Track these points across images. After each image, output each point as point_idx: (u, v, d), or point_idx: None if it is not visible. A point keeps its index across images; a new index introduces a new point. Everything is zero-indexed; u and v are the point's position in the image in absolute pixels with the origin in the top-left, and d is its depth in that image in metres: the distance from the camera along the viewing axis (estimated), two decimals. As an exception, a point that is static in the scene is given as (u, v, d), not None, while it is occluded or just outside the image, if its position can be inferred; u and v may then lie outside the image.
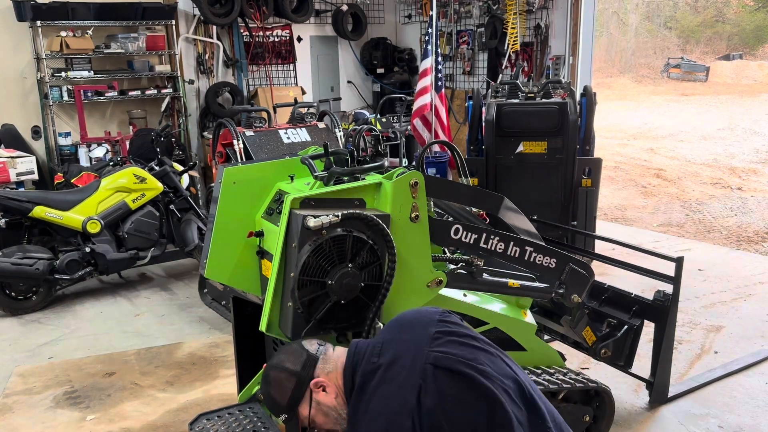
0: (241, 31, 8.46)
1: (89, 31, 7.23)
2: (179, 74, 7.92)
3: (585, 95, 5.87)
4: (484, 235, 2.76)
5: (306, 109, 6.20)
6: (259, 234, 2.58)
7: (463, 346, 1.91)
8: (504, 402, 1.83)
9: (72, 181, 5.96)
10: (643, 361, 3.67)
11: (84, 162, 7.12)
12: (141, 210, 5.55)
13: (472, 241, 2.74)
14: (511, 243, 2.83)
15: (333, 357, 2.02)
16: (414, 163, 6.38)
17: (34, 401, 3.86)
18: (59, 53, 7.08)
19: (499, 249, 2.82)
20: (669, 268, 3.42)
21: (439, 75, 7.32)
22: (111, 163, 5.85)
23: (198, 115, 8.36)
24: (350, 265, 2.35)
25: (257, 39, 8.64)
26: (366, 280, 2.40)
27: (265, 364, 2.13)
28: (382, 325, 2.45)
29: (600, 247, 5.44)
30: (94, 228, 5.31)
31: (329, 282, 2.33)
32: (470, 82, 8.99)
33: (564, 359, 3.29)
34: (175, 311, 5.21)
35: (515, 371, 1.95)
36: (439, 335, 1.92)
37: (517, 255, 2.86)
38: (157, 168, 5.73)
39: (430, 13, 7.22)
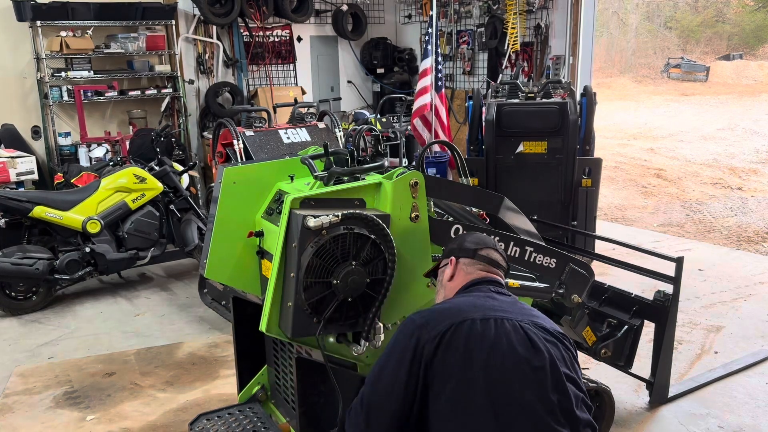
0: (241, 31, 8.46)
1: (89, 31, 7.22)
2: (179, 74, 7.92)
3: (585, 95, 5.87)
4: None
5: (306, 109, 6.19)
6: (259, 234, 2.58)
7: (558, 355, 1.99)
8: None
9: (72, 181, 5.95)
10: (643, 361, 3.67)
11: (84, 162, 7.12)
12: (141, 210, 5.55)
13: (472, 241, 2.74)
14: (511, 243, 2.83)
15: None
16: (414, 163, 6.38)
17: (34, 401, 3.86)
18: (59, 53, 7.08)
19: (499, 249, 2.82)
20: (669, 268, 3.42)
21: (439, 75, 7.31)
22: (111, 163, 5.85)
23: (198, 115, 8.35)
24: (354, 262, 2.36)
25: (257, 39, 8.64)
26: (371, 275, 2.40)
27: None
28: (382, 325, 2.45)
29: (600, 247, 5.44)
30: (94, 228, 5.31)
31: (335, 281, 2.34)
32: (470, 82, 8.99)
33: (564, 359, 3.29)
34: (175, 311, 5.21)
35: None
36: (554, 337, 2.03)
37: (517, 255, 2.86)
38: (157, 168, 5.72)
39: (430, 13, 7.22)
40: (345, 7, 9.32)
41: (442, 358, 1.91)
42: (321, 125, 5.83)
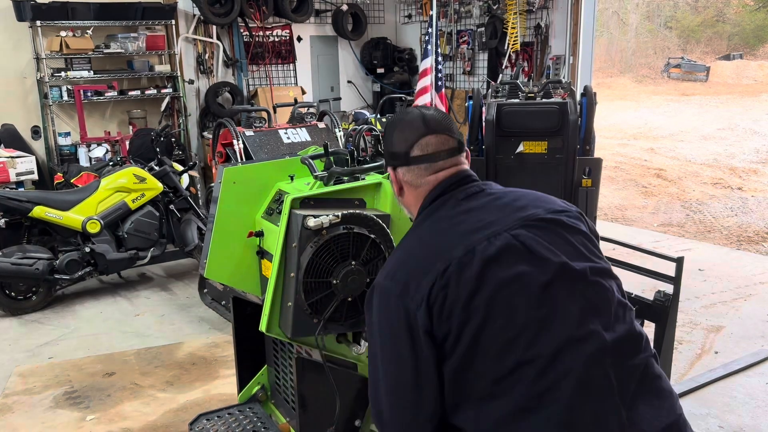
0: (241, 31, 8.46)
1: (89, 31, 7.22)
2: (179, 74, 7.92)
3: (585, 95, 5.87)
4: (484, 235, 2.75)
5: (306, 109, 6.19)
6: (259, 234, 2.58)
7: (562, 240, 1.67)
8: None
9: (72, 181, 5.96)
10: (643, 361, 3.67)
11: (84, 162, 7.12)
12: (141, 210, 5.55)
13: (472, 241, 2.73)
14: (511, 243, 2.82)
15: None
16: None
17: (34, 401, 3.86)
18: (59, 53, 7.08)
19: (499, 249, 2.81)
20: (669, 268, 3.41)
21: (439, 75, 7.32)
22: (111, 163, 5.85)
23: (198, 115, 8.36)
24: (353, 262, 2.35)
25: (257, 39, 8.64)
26: (371, 275, 2.40)
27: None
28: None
29: (600, 247, 5.44)
30: (93, 228, 5.31)
31: (334, 282, 2.34)
32: (470, 82, 8.99)
33: (564, 359, 3.29)
34: (175, 311, 5.21)
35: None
36: (548, 221, 1.67)
37: (517, 255, 2.84)
38: (157, 168, 5.73)
39: (430, 12, 7.22)
40: (345, 7, 9.32)
41: (438, 323, 1.52)
42: (321, 125, 5.82)
